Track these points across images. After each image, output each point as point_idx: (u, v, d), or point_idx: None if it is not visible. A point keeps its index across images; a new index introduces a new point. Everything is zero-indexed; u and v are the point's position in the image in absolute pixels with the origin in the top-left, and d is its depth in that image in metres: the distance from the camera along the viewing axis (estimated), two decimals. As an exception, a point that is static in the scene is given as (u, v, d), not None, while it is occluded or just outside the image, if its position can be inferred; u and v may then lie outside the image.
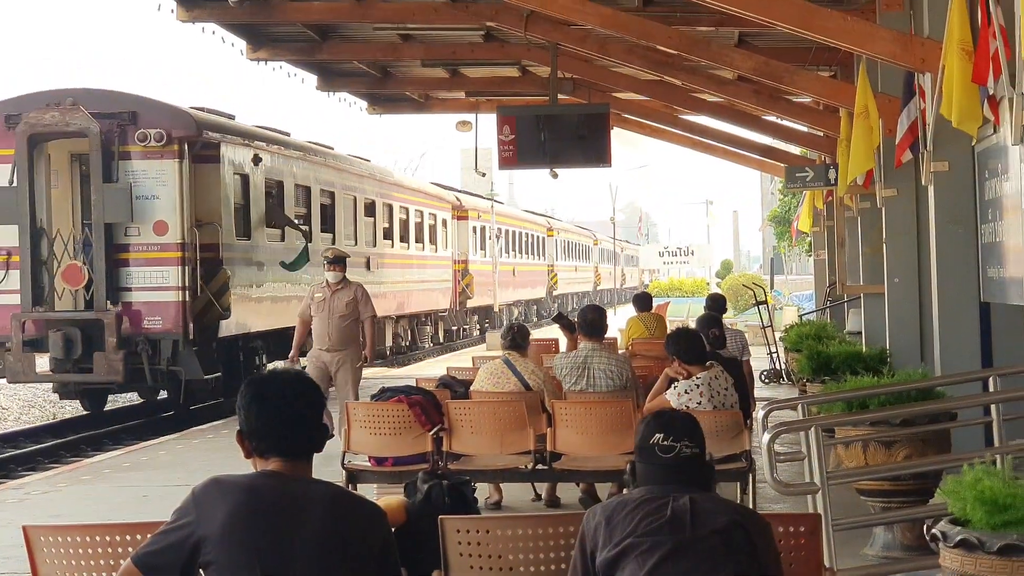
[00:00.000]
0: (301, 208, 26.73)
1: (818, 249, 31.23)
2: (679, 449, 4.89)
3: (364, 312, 16.14)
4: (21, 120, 20.74)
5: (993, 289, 11.46)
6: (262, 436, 4.52)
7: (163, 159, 21.14)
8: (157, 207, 21.19)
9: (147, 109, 21.50)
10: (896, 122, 13.44)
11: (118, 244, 21.22)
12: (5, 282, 21.32)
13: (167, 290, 21.29)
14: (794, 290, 59.07)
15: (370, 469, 11.29)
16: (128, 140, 20.98)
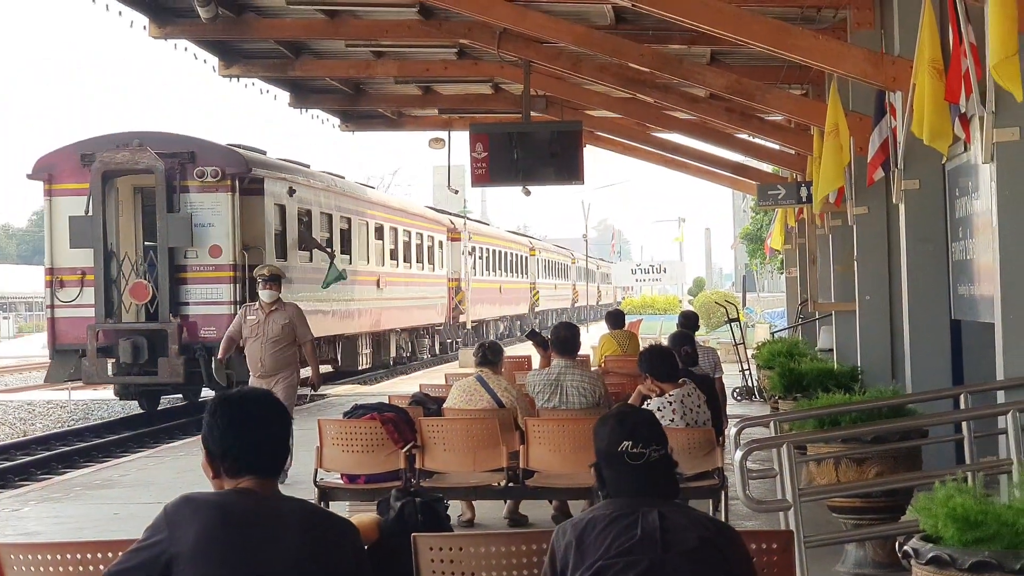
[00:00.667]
0: (325, 233, 30.55)
1: (790, 267, 31.33)
2: (648, 455, 4.88)
3: (303, 336, 15.31)
4: (96, 159, 24.38)
5: (963, 307, 11.51)
6: (236, 456, 4.51)
7: (217, 192, 24.83)
8: (212, 233, 24.82)
9: (204, 149, 25.28)
10: (867, 140, 13.50)
11: (178, 265, 24.84)
12: (80, 297, 24.90)
13: (220, 304, 24.82)
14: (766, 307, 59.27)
15: (343, 486, 11.27)
16: (188, 176, 24.63)
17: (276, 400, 4.69)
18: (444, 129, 27.40)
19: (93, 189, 24.41)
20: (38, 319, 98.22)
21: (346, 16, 18.66)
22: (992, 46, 7.57)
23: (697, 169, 30.65)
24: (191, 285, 24.90)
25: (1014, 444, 8.33)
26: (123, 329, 24.55)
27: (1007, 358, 8.89)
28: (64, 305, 25.24)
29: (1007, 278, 8.87)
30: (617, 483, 4.90)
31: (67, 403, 33.89)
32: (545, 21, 16.30)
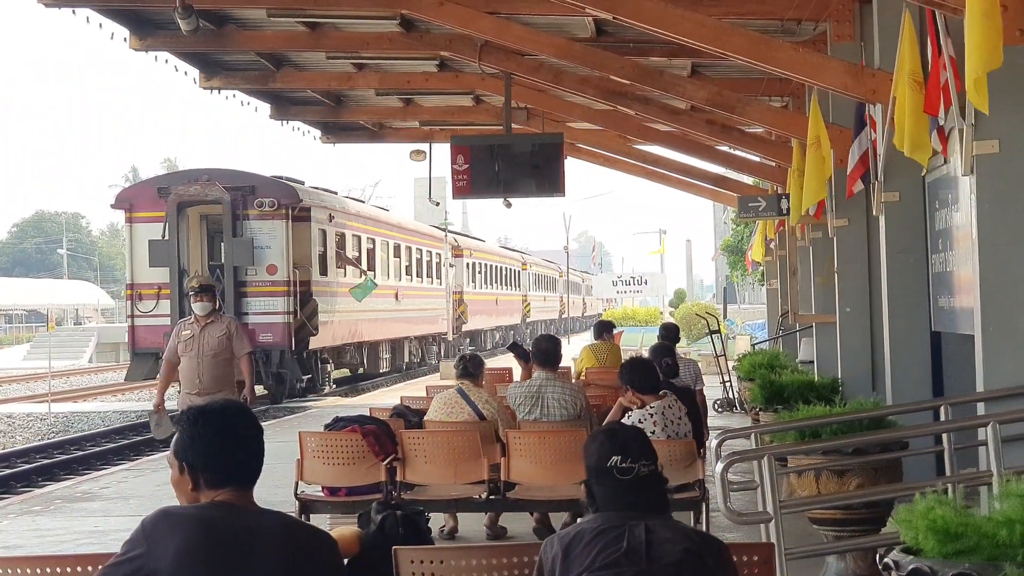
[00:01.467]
0: (355, 252, 36.23)
1: (770, 278, 31.34)
2: (637, 470, 4.89)
3: (240, 348, 14.49)
4: (171, 192, 29.88)
5: (943, 319, 11.54)
6: (219, 468, 4.50)
7: (274, 220, 30.33)
8: (269, 254, 30.28)
9: (263, 183, 31.03)
10: (847, 153, 13.53)
11: (240, 281, 30.19)
12: (156, 308, 30.06)
13: (276, 314, 30.31)
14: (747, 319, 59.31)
15: (323, 499, 11.24)
16: (249, 206, 30.19)
17: (248, 410, 4.69)
18: (425, 141, 27.41)
19: (169, 217, 29.69)
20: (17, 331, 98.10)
21: (327, 28, 18.65)
22: (976, 58, 7.57)
23: (678, 181, 30.67)
24: (251, 298, 30.30)
25: (994, 456, 8.35)
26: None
27: (987, 370, 8.91)
28: (142, 315, 30.32)
29: (987, 290, 8.89)
30: (606, 498, 4.91)
31: (47, 416, 33.79)
32: (526, 33, 16.32)
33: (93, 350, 76.78)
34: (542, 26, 17.13)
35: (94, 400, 41.20)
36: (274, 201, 30.32)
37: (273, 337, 30.17)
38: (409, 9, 15.89)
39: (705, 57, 17.69)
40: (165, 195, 30.01)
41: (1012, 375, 8.83)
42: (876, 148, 12.40)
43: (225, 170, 31.66)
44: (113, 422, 31.97)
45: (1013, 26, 8.53)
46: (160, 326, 28.95)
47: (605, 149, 27.64)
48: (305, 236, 31.47)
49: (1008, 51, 7.94)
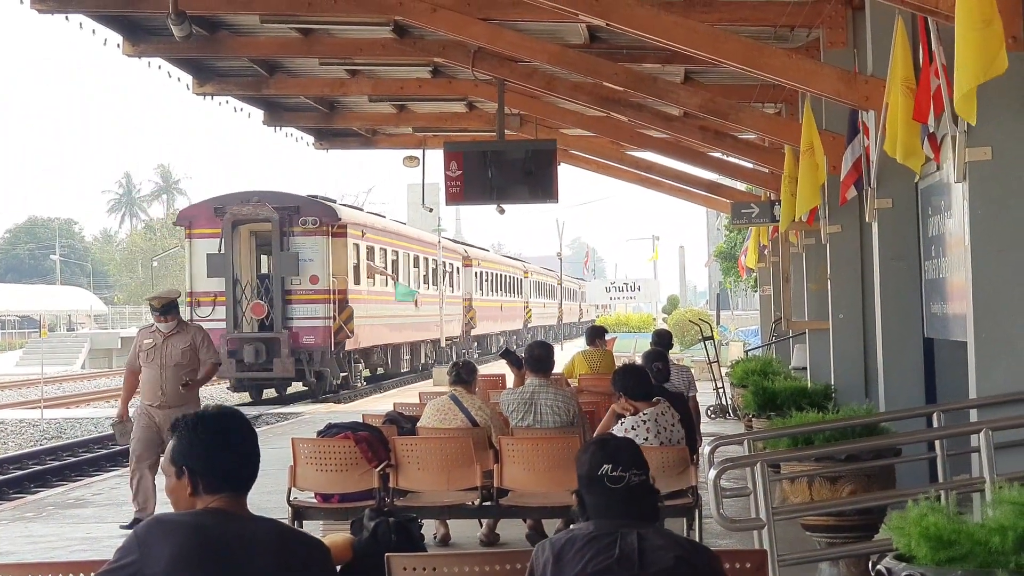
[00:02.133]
0: (382, 264, 40.73)
1: (763, 285, 31.37)
2: (628, 479, 4.90)
3: (207, 358, 13.85)
4: (226, 211, 34.20)
5: (936, 325, 11.54)
6: (216, 472, 4.50)
7: (316, 236, 34.85)
8: (311, 267, 34.72)
9: (306, 204, 35.66)
10: (840, 159, 13.54)
11: (287, 290, 34.66)
12: (212, 314, 34.09)
13: (317, 319, 34.78)
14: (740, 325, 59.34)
15: (316, 506, 11.24)
16: (294, 223, 34.66)
17: (244, 416, 4.69)
18: (418, 147, 27.40)
19: (224, 234, 34.13)
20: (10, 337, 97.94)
21: (320, 34, 18.66)
22: (964, 67, 7.57)
23: (671, 187, 30.68)
24: (295, 304, 34.74)
25: (987, 462, 8.35)
26: (246, 337, 34.29)
27: (980, 376, 8.91)
28: (200, 320, 32.35)
29: (979, 297, 8.90)
30: (597, 507, 4.92)
31: (39, 422, 33.76)
32: (519, 40, 16.32)
33: (86, 356, 76.73)
34: (535, 32, 17.14)
35: (87, 406, 41.15)
36: (316, 219, 34.94)
37: (315, 340, 34.80)
38: (402, 15, 15.89)
39: (698, 64, 17.70)
40: (221, 214, 34.37)
41: (1005, 382, 8.83)
42: (869, 155, 12.41)
43: (273, 192, 36.71)
44: (106, 428, 31.84)
45: (1006, 33, 8.51)
46: (216, 330, 31.55)
47: (598, 155, 27.65)
48: (342, 250, 35.89)
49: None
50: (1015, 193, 8.81)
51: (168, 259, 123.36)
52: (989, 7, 7.53)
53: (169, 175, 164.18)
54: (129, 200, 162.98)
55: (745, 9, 15.45)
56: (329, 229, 35.05)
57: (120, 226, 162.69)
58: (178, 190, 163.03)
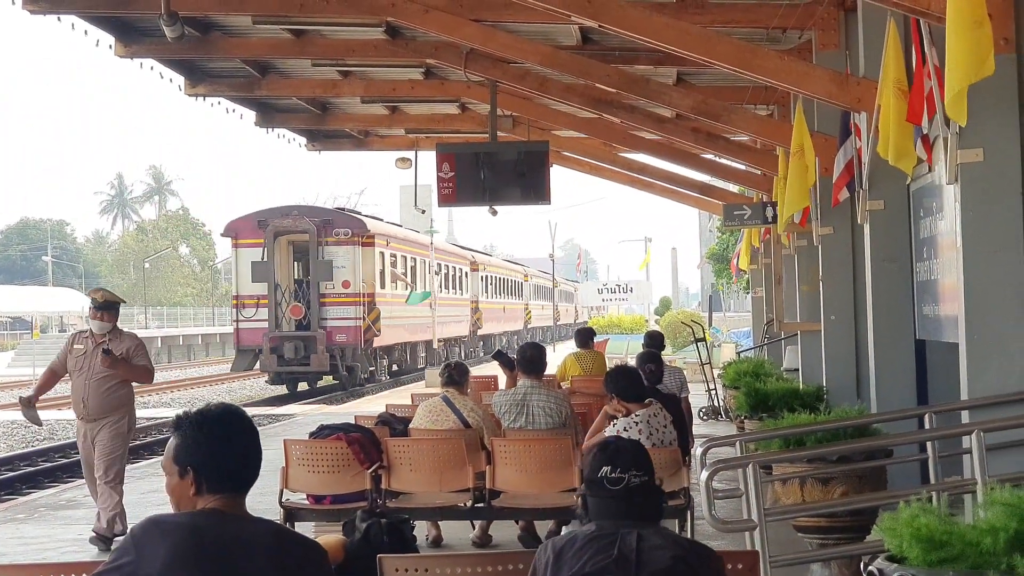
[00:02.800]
0: (402, 270, 45.97)
1: (755, 286, 31.40)
2: (627, 480, 4.93)
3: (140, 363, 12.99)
4: (269, 224, 38.97)
5: (928, 327, 11.56)
6: (220, 470, 4.48)
7: (347, 245, 39.42)
8: (344, 272, 39.31)
9: (338, 217, 40.85)
10: (832, 161, 13.54)
11: (322, 293, 39.18)
12: (256, 315, 38.81)
13: (349, 319, 39.31)
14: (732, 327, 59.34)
15: (308, 507, 11.23)
16: (328, 234, 39.34)
17: (246, 414, 4.66)
18: (411, 149, 27.43)
19: (267, 243, 38.83)
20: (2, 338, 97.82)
21: (312, 35, 18.65)
22: (954, 69, 7.58)
23: (663, 189, 30.69)
24: (329, 307, 39.31)
25: (978, 464, 8.36)
26: (286, 335, 38.89)
27: (971, 378, 8.92)
28: (245, 320, 39.18)
29: (971, 298, 8.91)
30: (598, 508, 4.94)
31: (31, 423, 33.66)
32: (512, 41, 16.32)
33: (78, 357, 76.52)
34: (527, 34, 17.15)
35: (78, 407, 41.05)
36: (348, 230, 39.68)
37: (347, 338, 39.46)
38: (394, 16, 15.88)
39: (690, 65, 17.71)
40: (264, 226, 39.10)
41: (996, 383, 8.84)
42: (861, 156, 12.41)
43: (310, 206, 42.71)
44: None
45: (998, 35, 8.54)
46: (259, 329, 38.79)
47: (590, 157, 27.66)
48: (370, 258, 40.70)
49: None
50: (1007, 195, 8.82)
51: (160, 261, 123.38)
52: (980, 9, 7.54)
53: (161, 176, 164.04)
54: (121, 201, 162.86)
55: (737, 11, 15.46)
56: (359, 239, 39.90)
57: (112, 227, 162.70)
58: (170, 191, 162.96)
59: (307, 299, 39.37)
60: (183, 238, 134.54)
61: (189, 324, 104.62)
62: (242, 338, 39.92)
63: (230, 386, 52.37)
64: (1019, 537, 4.61)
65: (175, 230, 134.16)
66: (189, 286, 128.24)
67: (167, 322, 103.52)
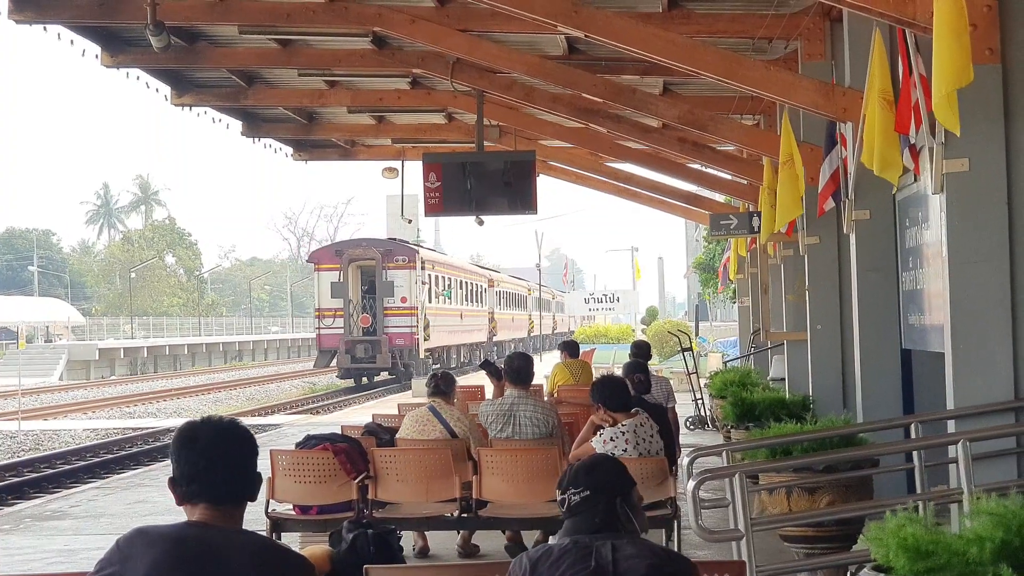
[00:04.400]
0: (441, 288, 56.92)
1: (742, 296, 31.40)
2: (568, 500, 4.95)
3: None
4: (344, 252, 50.70)
5: (914, 336, 11.57)
6: (190, 481, 4.47)
7: (404, 269, 50.56)
8: (401, 290, 50.41)
9: (397, 247, 52.52)
10: (818, 171, 13.57)
11: (385, 307, 50.29)
12: (334, 324, 49.74)
13: (405, 327, 50.42)
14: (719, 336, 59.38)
15: (294, 517, 11.22)
16: (390, 261, 50.56)
17: (242, 428, 4.63)
18: (397, 159, 27.36)
19: (343, 268, 50.46)
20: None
21: (299, 45, 18.64)
22: (939, 78, 7.61)
23: (650, 199, 30.71)
24: (390, 317, 50.72)
25: (964, 474, 8.38)
26: (357, 340, 50.17)
27: (957, 387, 8.94)
28: (325, 328, 50.68)
29: (957, 308, 8.93)
30: (567, 528, 4.97)
31: (17, 433, 33.64)
32: (498, 51, 16.34)
33: (63, 367, 76.51)
34: (514, 44, 17.16)
35: (64, 418, 41.04)
36: (405, 258, 51.62)
37: (404, 342, 50.84)
38: (381, 26, 15.89)
39: (677, 75, 17.74)
40: (340, 254, 51.28)
41: (982, 393, 8.86)
42: (847, 166, 12.44)
43: (376, 239, 56.22)
44: (83, 440, 31.88)
45: (983, 45, 8.58)
46: (335, 335, 50.25)
47: (577, 167, 27.67)
48: (420, 279, 51.85)
49: (978, 70, 7.99)
50: (992, 205, 8.84)
51: (146, 270, 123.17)
52: (961, 19, 7.57)
53: (148, 186, 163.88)
54: (107, 211, 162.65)
55: (723, 21, 15.48)
56: (413, 265, 51.56)
57: (98, 237, 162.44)
58: (156, 201, 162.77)
59: (373, 311, 50.69)
60: (169, 248, 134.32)
61: (175, 334, 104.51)
62: (322, 342, 51.45)
63: (216, 396, 52.34)
64: (1005, 547, 4.62)
65: (161, 240, 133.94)
66: (175, 296, 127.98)
67: (153, 332, 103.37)
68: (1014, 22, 8.78)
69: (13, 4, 15.71)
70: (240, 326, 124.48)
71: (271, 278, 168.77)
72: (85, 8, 16.18)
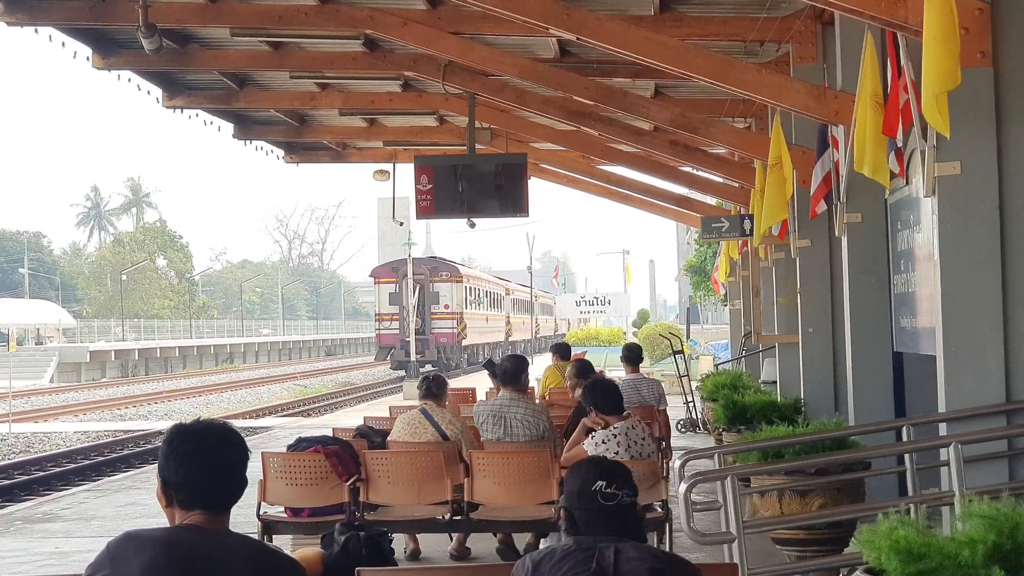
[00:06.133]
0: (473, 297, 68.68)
1: (733, 299, 31.42)
2: (620, 497, 4.94)
3: None
4: (399, 269, 61.07)
5: (905, 339, 11.59)
6: (189, 488, 4.45)
7: (446, 282, 64.52)
8: (444, 299, 64.03)
9: (442, 264, 67.61)
10: (810, 174, 13.58)
11: (432, 313, 62.86)
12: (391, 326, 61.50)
13: (448, 329, 63.68)
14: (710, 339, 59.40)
15: (286, 520, 11.20)
16: (436, 275, 64.31)
17: (234, 433, 4.61)
18: (389, 161, 27.34)
19: (398, 281, 60.76)
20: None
21: (290, 47, 18.63)
22: (928, 81, 7.62)
23: (641, 201, 30.71)
24: (436, 321, 62.82)
25: (956, 476, 8.38)
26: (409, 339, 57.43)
27: (948, 390, 8.94)
28: (384, 329, 62.47)
29: (948, 311, 8.94)
30: (588, 522, 4.95)
31: (7, 436, 33.60)
32: (490, 54, 16.34)
33: (54, 370, 76.40)
34: (506, 46, 17.17)
35: (55, 420, 40.99)
36: (448, 273, 65.58)
37: (447, 340, 63.55)
38: (373, 29, 15.89)
39: (668, 78, 17.75)
40: (395, 270, 62.79)
41: (973, 395, 8.87)
42: (839, 169, 12.45)
43: (425, 258, 70.80)
44: (74, 442, 31.84)
45: (974, 48, 8.60)
46: (392, 334, 62.02)
47: (568, 169, 27.68)
48: (461, 291, 65.43)
49: (970, 73, 8.01)
50: (984, 208, 8.85)
51: (137, 273, 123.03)
52: (951, 23, 7.58)
53: (139, 188, 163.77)
54: (98, 213, 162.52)
55: (715, 24, 15.49)
56: (454, 278, 65.36)
57: (89, 239, 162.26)
58: (148, 203, 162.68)
59: (423, 316, 61.47)
60: (160, 250, 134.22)
61: (166, 336, 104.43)
62: (382, 340, 64.01)
63: (207, 398, 52.29)
64: (997, 549, 4.62)
65: (152, 242, 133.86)
66: (166, 298, 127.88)
67: (144, 334, 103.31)
68: (1006, 25, 8.79)
69: (4, 6, 15.71)
70: (231, 328, 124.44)
71: (262, 280, 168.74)
72: (77, 10, 16.17)
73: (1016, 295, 8.89)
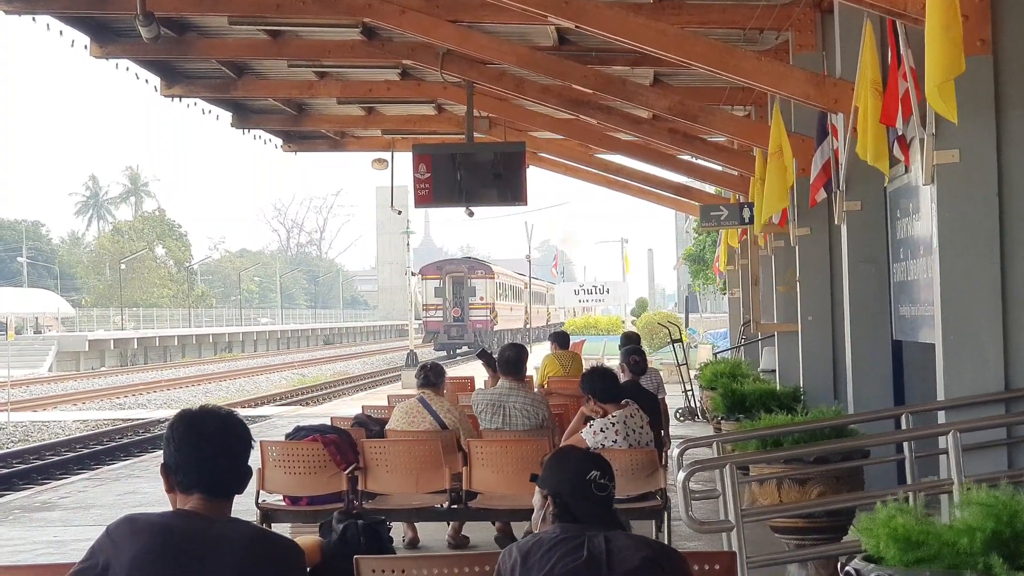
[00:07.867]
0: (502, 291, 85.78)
1: (732, 287, 31.41)
2: (610, 490, 5.02)
3: None
4: (442, 268, 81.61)
5: (905, 327, 11.58)
6: (187, 471, 4.46)
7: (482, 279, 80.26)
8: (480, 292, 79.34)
9: (477, 264, 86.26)
10: (810, 162, 13.56)
11: (469, 303, 78.88)
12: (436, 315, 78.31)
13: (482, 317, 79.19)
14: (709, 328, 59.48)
15: (285, 508, 11.19)
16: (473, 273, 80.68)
17: (238, 421, 4.60)
18: (387, 150, 27.33)
19: (442, 278, 78.44)
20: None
21: (289, 36, 18.60)
22: (932, 69, 7.60)
23: (640, 190, 30.70)
24: (473, 310, 78.16)
25: (954, 464, 8.37)
26: (450, 324, 77.71)
27: (947, 379, 8.94)
28: (430, 317, 77.83)
29: (947, 299, 8.93)
30: (579, 511, 4.95)
31: (6, 425, 33.61)
32: (488, 42, 16.31)
33: (53, 359, 76.41)
34: (504, 34, 17.14)
35: (53, 409, 41.00)
36: (483, 271, 79.51)
37: (482, 326, 75.68)
38: (371, 17, 15.86)
39: (667, 66, 17.72)
40: (439, 269, 78.54)
41: (972, 384, 8.87)
42: (838, 157, 12.43)
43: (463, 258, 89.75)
44: (73, 431, 31.85)
45: (974, 36, 8.58)
46: (437, 321, 76.54)
47: (567, 158, 27.65)
48: (493, 286, 78.69)
49: (970, 61, 7.98)
50: (983, 196, 8.84)
51: (136, 262, 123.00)
52: (952, 10, 7.56)
53: (138, 177, 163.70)
54: (96, 202, 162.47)
55: (714, 12, 15.47)
56: (487, 276, 78.97)
57: (87, 228, 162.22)
58: (146, 192, 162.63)
59: (462, 306, 76.43)
60: (159, 239, 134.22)
61: (165, 325, 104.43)
62: (428, 326, 77.33)
63: (206, 387, 52.32)
64: (996, 537, 4.61)
65: (151, 231, 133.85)
66: (165, 287, 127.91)
67: (143, 323, 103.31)
68: (1005, 13, 8.79)
69: (2, -6, 15.68)
70: (230, 317, 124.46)
71: (261, 269, 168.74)
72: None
73: (1015, 283, 8.88)
